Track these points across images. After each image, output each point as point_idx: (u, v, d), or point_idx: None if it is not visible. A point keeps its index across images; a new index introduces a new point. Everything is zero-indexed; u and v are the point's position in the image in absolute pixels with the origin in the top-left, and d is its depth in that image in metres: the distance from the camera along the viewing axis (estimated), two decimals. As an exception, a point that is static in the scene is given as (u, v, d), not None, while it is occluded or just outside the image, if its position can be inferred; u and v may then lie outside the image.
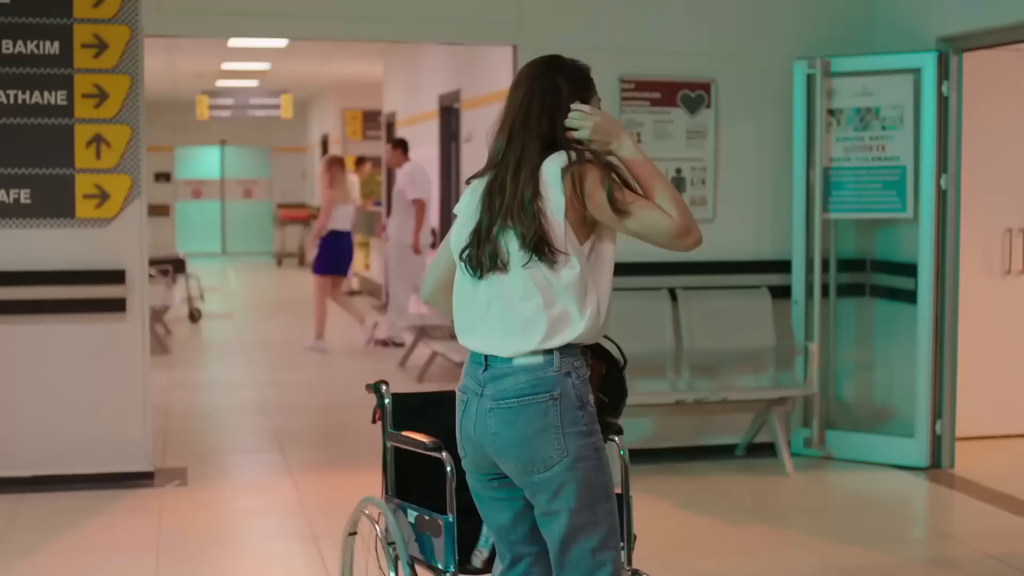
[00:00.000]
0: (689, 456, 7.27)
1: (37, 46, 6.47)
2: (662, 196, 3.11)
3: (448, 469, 3.56)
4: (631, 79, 7.14)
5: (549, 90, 3.18)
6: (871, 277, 7.43)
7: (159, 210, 23.23)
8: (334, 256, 11.91)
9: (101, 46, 6.53)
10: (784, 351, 7.28)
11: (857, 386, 7.54)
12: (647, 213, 3.09)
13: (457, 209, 3.30)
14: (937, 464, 7.06)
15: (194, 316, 13.90)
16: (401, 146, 11.89)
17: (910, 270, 7.08)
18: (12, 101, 6.46)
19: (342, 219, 11.94)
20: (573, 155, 3.10)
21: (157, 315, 12.02)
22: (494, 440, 3.15)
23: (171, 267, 13.55)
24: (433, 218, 12.22)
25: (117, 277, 6.60)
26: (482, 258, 3.15)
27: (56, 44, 6.49)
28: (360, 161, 16.26)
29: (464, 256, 3.19)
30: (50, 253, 6.56)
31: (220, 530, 5.94)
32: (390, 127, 14.95)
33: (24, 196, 6.50)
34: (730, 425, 7.39)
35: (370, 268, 16.25)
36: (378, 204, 15.69)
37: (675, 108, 7.23)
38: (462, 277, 3.23)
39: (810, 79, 7.16)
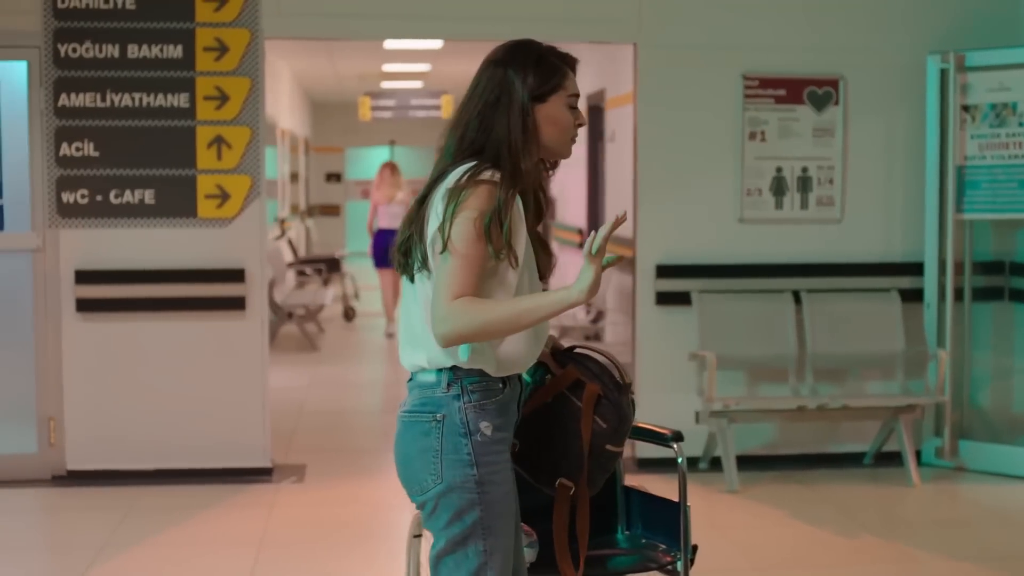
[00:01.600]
0: (814, 464, 7.05)
1: (161, 50, 6.63)
2: (504, 311, 2.70)
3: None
4: (755, 76, 6.96)
5: (492, 85, 2.86)
6: (1010, 280, 7.09)
7: (330, 210, 23.75)
8: (383, 251, 12.49)
9: (222, 49, 6.66)
10: (914, 357, 7.00)
11: (993, 394, 7.21)
12: (457, 270, 2.72)
13: None
14: (1076, 478, 6.71)
15: (348, 315, 14.10)
16: None
17: (1050, 273, 6.75)
18: (137, 104, 6.64)
19: (389, 218, 12.83)
20: (465, 176, 2.77)
21: (311, 314, 12.26)
22: (394, 451, 2.99)
23: (325, 266, 13.81)
24: (580, 218, 12.17)
25: (237, 276, 6.72)
26: (398, 258, 2.93)
27: (179, 48, 6.64)
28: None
29: (393, 255, 2.96)
30: (173, 252, 6.71)
31: (325, 528, 5.99)
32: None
33: (148, 196, 6.67)
34: (858, 433, 7.14)
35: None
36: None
37: (801, 105, 7.02)
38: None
39: (943, 74, 6.88)
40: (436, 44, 13.02)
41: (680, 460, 3.74)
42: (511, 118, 2.85)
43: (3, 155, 6.69)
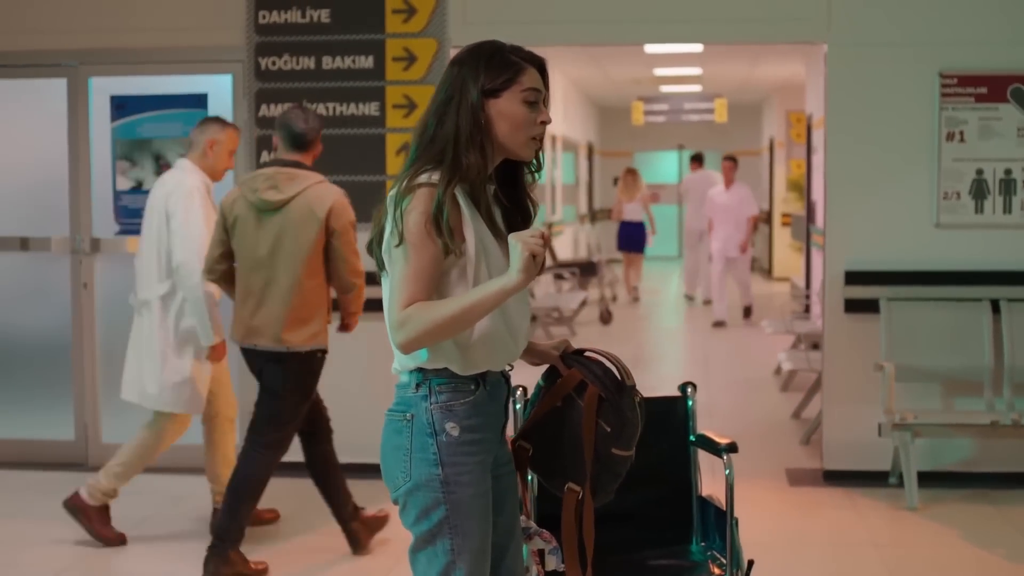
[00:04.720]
0: (1015, 483, 6.65)
1: (353, 61, 6.92)
2: (452, 309, 2.75)
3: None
4: (952, 74, 6.63)
5: (448, 84, 2.93)
6: None
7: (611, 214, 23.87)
8: (625, 239, 16.24)
9: (410, 59, 6.89)
10: None
11: None
12: (407, 276, 2.78)
13: None
14: None
15: (604, 318, 14.15)
16: (696, 160, 16.90)
17: None
18: (332, 113, 6.94)
19: (630, 212, 16.18)
20: (404, 183, 2.85)
21: (564, 316, 12.43)
22: None
23: (578, 270, 13.96)
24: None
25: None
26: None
27: (370, 58, 6.91)
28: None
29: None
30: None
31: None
32: (808, 129, 14.57)
33: (341, 202, 6.95)
34: (1069, 452, 6.70)
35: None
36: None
37: (1004, 104, 6.64)
38: None
39: None
40: (696, 47, 12.97)
41: (728, 472, 3.66)
42: (460, 114, 2.89)
43: (211, 163, 7.11)
